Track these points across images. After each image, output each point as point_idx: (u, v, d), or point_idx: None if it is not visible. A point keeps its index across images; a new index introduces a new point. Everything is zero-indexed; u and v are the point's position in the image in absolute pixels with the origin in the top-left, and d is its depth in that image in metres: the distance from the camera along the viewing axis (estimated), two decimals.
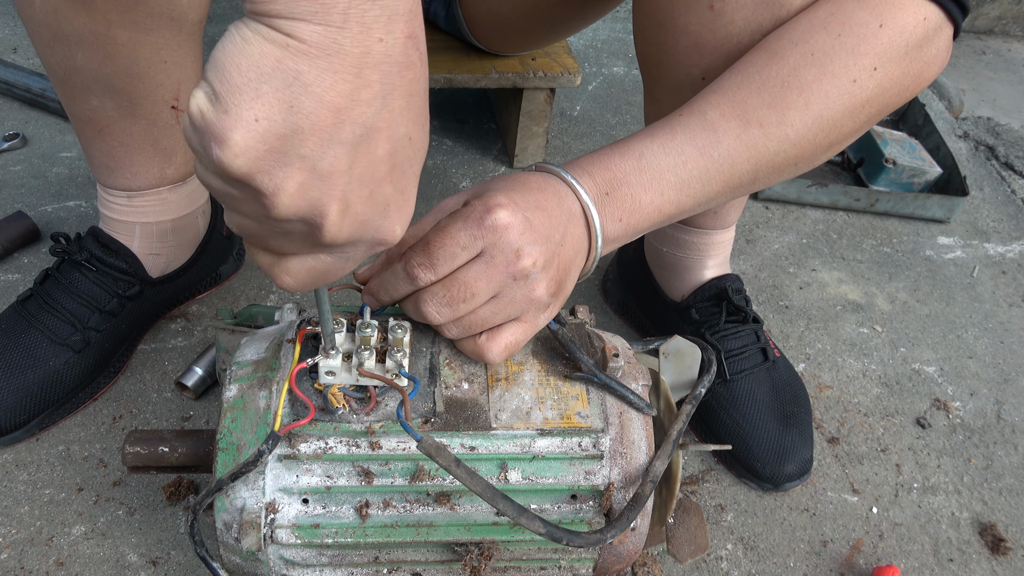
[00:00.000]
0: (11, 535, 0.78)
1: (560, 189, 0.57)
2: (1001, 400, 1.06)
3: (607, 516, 0.60)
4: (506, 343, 0.57)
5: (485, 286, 0.53)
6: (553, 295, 0.56)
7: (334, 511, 0.59)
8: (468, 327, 0.56)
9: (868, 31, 0.58)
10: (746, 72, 0.61)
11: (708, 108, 0.60)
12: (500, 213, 0.52)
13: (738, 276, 0.97)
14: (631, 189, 0.59)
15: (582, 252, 0.59)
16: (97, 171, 0.87)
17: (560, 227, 0.55)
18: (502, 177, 0.57)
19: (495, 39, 1.16)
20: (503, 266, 0.53)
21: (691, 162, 0.59)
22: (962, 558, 0.87)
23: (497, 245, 0.52)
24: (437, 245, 0.53)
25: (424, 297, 0.54)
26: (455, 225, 0.52)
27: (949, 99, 1.83)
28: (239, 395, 0.59)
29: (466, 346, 0.59)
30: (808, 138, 0.59)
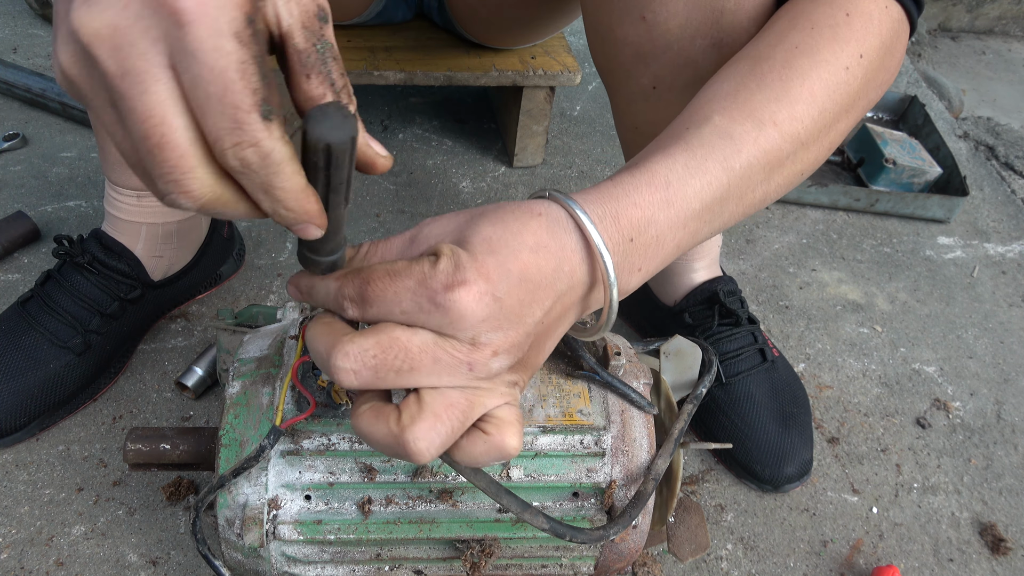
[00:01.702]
0: (11, 535, 0.78)
1: (567, 245, 0.45)
2: (1001, 400, 1.06)
3: (608, 514, 0.60)
4: (441, 433, 0.43)
5: (430, 365, 0.42)
6: (516, 380, 0.46)
7: (337, 507, 0.59)
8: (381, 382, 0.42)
9: (838, 21, 0.56)
10: (735, 77, 0.56)
11: (713, 114, 0.53)
12: (460, 296, 0.40)
13: (731, 278, 0.97)
14: (658, 229, 0.49)
15: (574, 313, 0.49)
16: (109, 168, 0.87)
17: (547, 299, 0.44)
18: (499, 217, 0.44)
19: (478, 30, 1.17)
20: (456, 352, 0.42)
21: (715, 181, 0.50)
22: (962, 558, 0.87)
23: (447, 328, 0.41)
24: (375, 290, 0.42)
25: (346, 348, 0.41)
26: (406, 283, 0.41)
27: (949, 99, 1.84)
28: (242, 391, 0.59)
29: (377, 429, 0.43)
30: (814, 136, 0.56)
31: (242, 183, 0.37)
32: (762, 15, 0.65)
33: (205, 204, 0.36)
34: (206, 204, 0.36)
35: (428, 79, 1.16)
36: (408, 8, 1.22)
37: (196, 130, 0.35)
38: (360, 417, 0.44)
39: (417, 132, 1.42)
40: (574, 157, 1.41)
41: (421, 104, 1.49)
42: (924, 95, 1.74)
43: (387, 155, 0.44)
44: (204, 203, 0.36)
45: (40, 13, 1.57)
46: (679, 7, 0.66)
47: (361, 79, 1.14)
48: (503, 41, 1.20)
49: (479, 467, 0.48)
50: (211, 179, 0.36)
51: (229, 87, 0.33)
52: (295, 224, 0.39)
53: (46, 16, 1.57)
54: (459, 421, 0.43)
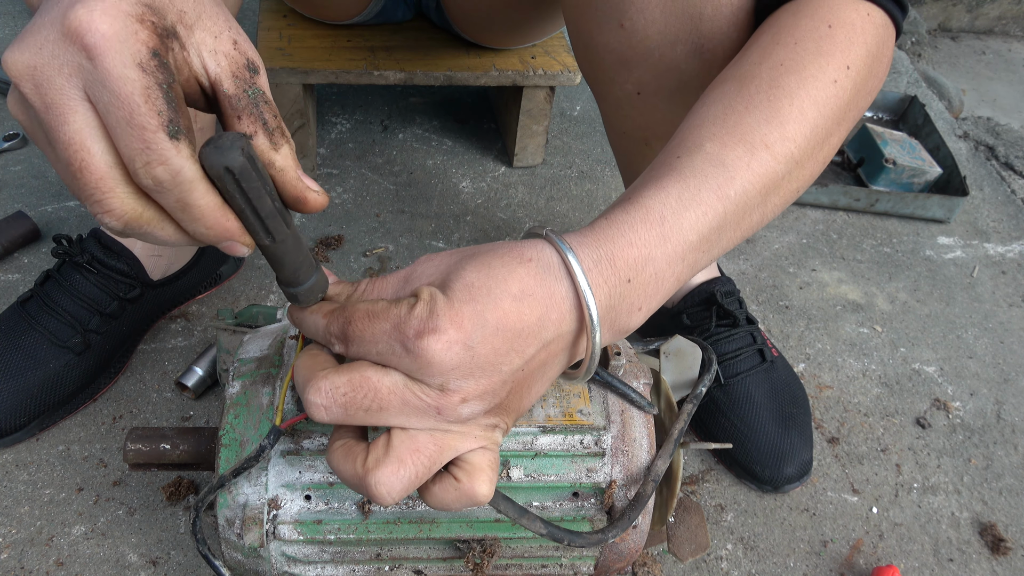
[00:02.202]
0: (11, 535, 0.78)
1: (556, 293, 0.44)
2: (1001, 400, 1.06)
3: (608, 514, 0.60)
4: (403, 479, 0.43)
5: (399, 406, 0.42)
6: (495, 423, 0.46)
7: (337, 507, 0.59)
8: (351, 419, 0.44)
9: (821, 34, 0.55)
10: (722, 100, 0.54)
11: (704, 141, 0.51)
12: (430, 344, 0.41)
13: (729, 279, 0.97)
14: (656, 267, 0.47)
15: (562, 360, 0.48)
16: None
17: (529, 348, 0.44)
18: (485, 263, 0.44)
19: (474, 30, 1.18)
20: (424, 395, 0.42)
21: (711, 211, 0.49)
22: (962, 558, 0.87)
23: (415, 373, 0.42)
24: (355, 330, 0.43)
25: (319, 384, 0.43)
26: (382, 325, 0.42)
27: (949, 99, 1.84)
28: (242, 391, 0.59)
29: (345, 468, 0.44)
30: (808, 154, 0.54)
31: (160, 203, 0.39)
32: (742, 20, 0.64)
33: (128, 222, 0.39)
34: (129, 222, 0.39)
35: (428, 79, 1.16)
36: (408, 8, 1.22)
37: (114, 154, 0.37)
38: (332, 453, 0.45)
39: (417, 132, 1.42)
40: (574, 157, 1.41)
41: (421, 104, 1.49)
42: (924, 95, 1.74)
43: (320, 190, 0.44)
44: (127, 221, 0.38)
45: None
46: (656, 14, 0.66)
47: (361, 79, 1.14)
48: (500, 41, 1.20)
49: (450, 511, 0.49)
50: (131, 199, 0.38)
51: (135, 110, 0.36)
52: (219, 243, 0.41)
53: None
54: (424, 467, 0.43)
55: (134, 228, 0.39)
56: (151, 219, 0.39)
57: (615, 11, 0.69)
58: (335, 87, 1.49)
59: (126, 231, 0.39)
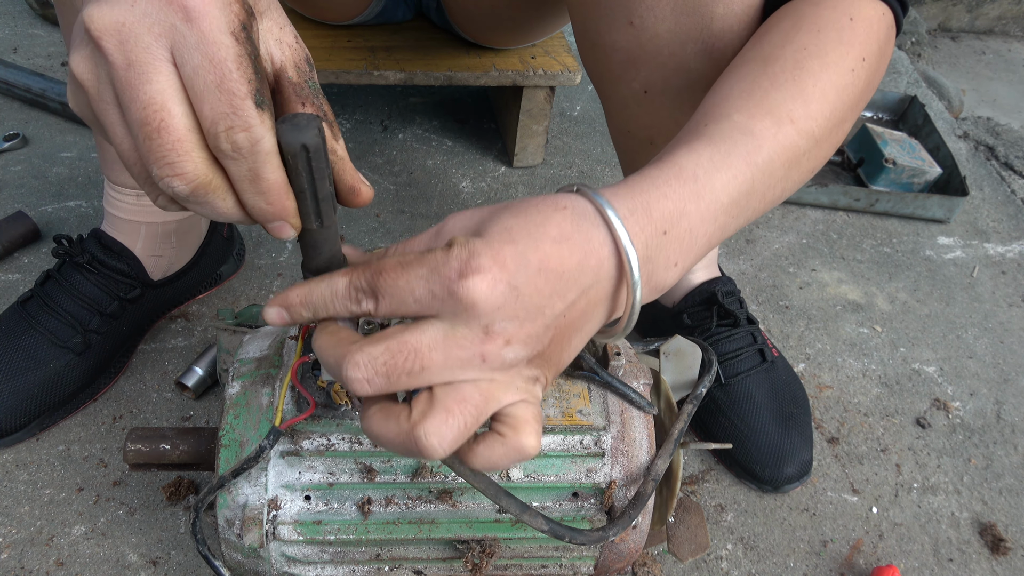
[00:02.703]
0: (11, 535, 0.78)
1: (594, 238, 0.44)
2: (1001, 400, 1.06)
3: (608, 514, 0.60)
4: (453, 428, 0.42)
5: (441, 361, 0.41)
6: (536, 376, 0.45)
7: (336, 508, 0.59)
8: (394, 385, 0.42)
9: (843, 25, 0.57)
10: (748, 77, 0.56)
11: (732, 112, 0.52)
12: (474, 282, 0.40)
13: (730, 279, 0.97)
14: (690, 222, 0.47)
15: (602, 310, 0.47)
16: (109, 167, 0.87)
17: (570, 292, 0.43)
18: (521, 209, 0.44)
19: (474, 30, 1.18)
20: (467, 342, 0.41)
21: (740, 175, 0.50)
22: (962, 558, 0.87)
23: (460, 316, 0.41)
24: (387, 280, 0.41)
25: (355, 357, 0.41)
26: (419, 271, 0.41)
27: (949, 99, 1.84)
28: (242, 392, 0.59)
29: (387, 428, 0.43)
30: (826, 134, 0.56)
31: (231, 170, 0.39)
32: (752, 19, 0.65)
33: (196, 188, 0.38)
34: (196, 188, 0.38)
35: (428, 79, 1.16)
36: (408, 8, 1.22)
37: (193, 119, 0.37)
38: (371, 419, 0.43)
39: (417, 132, 1.42)
40: (574, 157, 1.41)
41: (421, 104, 1.49)
42: (924, 95, 1.74)
43: (369, 185, 0.45)
44: (195, 187, 0.38)
45: (40, 13, 1.57)
46: (667, 12, 0.66)
47: (361, 79, 1.14)
48: (500, 41, 1.20)
49: (499, 470, 0.48)
50: (204, 164, 0.38)
51: (227, 75, 0.36)
52: (272, 221, 0.41)
53: (46, 16, 1.57)
54: (472, 416, 0.42)
55: (198, 195, 0.39)
56: (217, 188, 0.39)
57: (624, 9, 0.68)
58: (335, 87, 1.49)
59: (189, 198, 0.39)
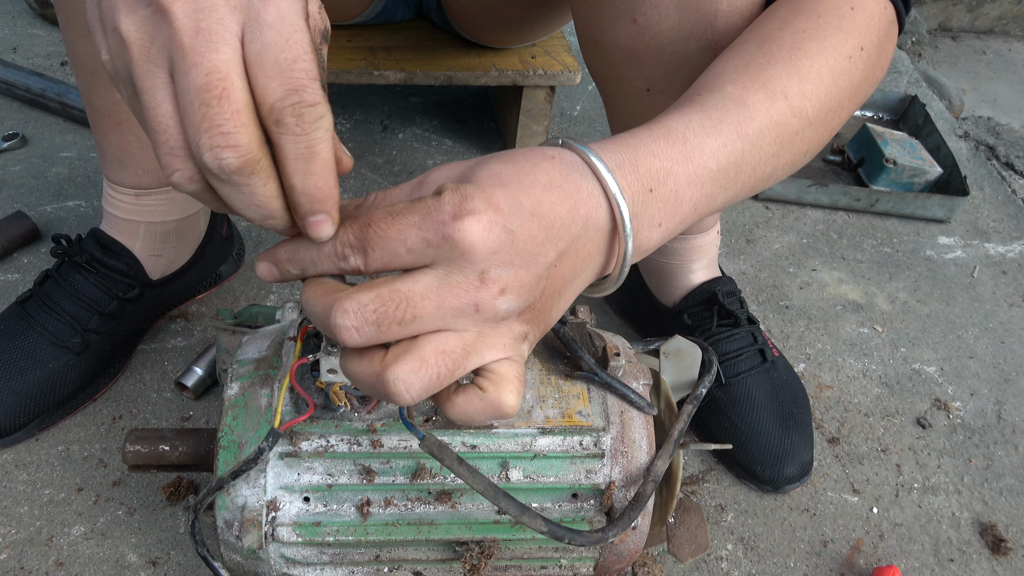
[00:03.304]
0: (11, 535, 0.78)
1: (583, 187, 0.43)
2: (1001, 400, 1.06)
3: (608, 515, 0.60)
4: (424, 378, 0.40)
5: (433, 310, 0.40)
6: (525, 332, 0.44)
7: (335, 509, 0.59)
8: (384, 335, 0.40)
9: (844, 12, 0.57)
10: (743, 55, 0.56)
11: (726, 84, 0.52)
12: (469, 224, 0.39)
13: (731, 279, 0.97)
14: (676, 183, 0.47)
15: (592, 265, 0.46)
16: (108, 166, 0.87)
17: (561, 241, 0.42)
18: (509, 156, 0.43)
19: (475, 29, 1.17)
20: (461, 290, 0.40)
21: (729, 144, 0.49)
22: (962, 558, 0.87)
23: (455, 262, 0.39)
24: (377, 232, 0.40)
25: (344, 304, 0.39)
26: (409, 218, 0.39)
27: (949, 99, 1.84)
28: (240, 393, 0.59)
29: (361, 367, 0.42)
30: (820, 117, 0.56)
31: (287, 148, 0.38)
32: (755, 16, 0.65)
33: (244, 164, 0.37)
34: (245, 164, 0.37)
35: (428, 79, 1.16)
36: (408, 8, 1.22)
37: (250, 96, 0.37)
38: (348, 357, 0.42)
39: (417, 132, 1.41)
40: None
41: (421, 104, 1.49)
42: (924, 95, 1.74)
43: (351, 156, 0.45)
44: (244, 161, 0.37)
45: (40, 13, 1.57)
46: (671, 10, 0.66)
47: (361, 79, 1.14)
48: (500, 40, 1.20)
49: (473, 425, 0.46)
50: (257, 141, 0.37)
51: (301, 56, 0.37)
52: (315, 210, 0.40)
53: (46, 16, 1.57)
54: (447, 369, 0.41)
55: (244, 172, 0.37)
56: (263, 168, 0.38)
57: (628, 6, 0.68)
58: (335, 87, 1.49)
59: (234, 175, 0.37)
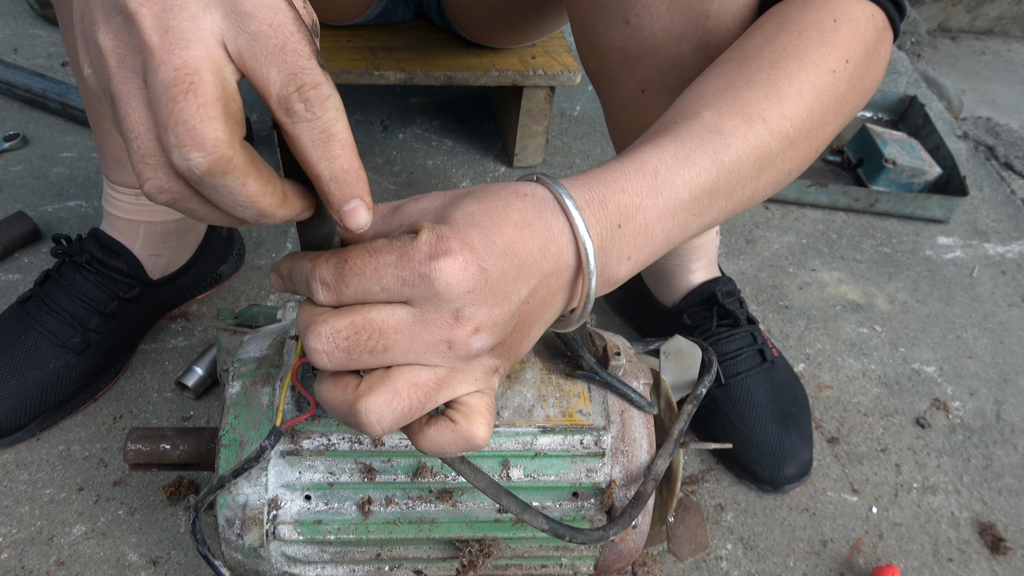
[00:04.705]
0: (11, 535, 0.78)
1: (554, 226, 0.44)
2: (1001, 400, 1.06)
3: (608, 514, 0.60)
4: (396, 410, 0.41)
5: (405, 344, 0.41)
6: (496, 366, 0.45)
7: (336, 507, 0.59)
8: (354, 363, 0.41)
9: (826, 26, 0.57)
10: (723, 76, 0.56)
11: (703, 109, 0.52)
12: (445, 264, 0.39)
13: (730, 279, 0.97)
14: (646, 217, 0.48)
15: (560, 300, 0.47)
16: (108, 166, 0.87)
17: (532, 278, 0.43)
18: (483, 195, 0.44)
19: (475, 29, 1.18)
20: (435, 327, 0.40)
21: (704, 173, 0.50)
22: (962, 558, 0.87)
23: (430, 301, 0.40)
24: (353, 269, 0.40)
25: (318, 328, 0.40)
26: (386, 258, 0.40)
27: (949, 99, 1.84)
28: (242, 392, 0.59)
29: (334, 395, 0.42)
30: (803, 136, 0.56)
31: (301, 137, 0.37)
32: (747, 16, 0.65)
33: (213, 163, 0.35)
34: (214, 163, 0.35)
35: (428, 79, 1.16)
36: (408, 8, 1.22)
37: (223, 92, 0.35)
38: (322, 383, 0.43)
39: (417, 132, 1.42)
40: (574, 157, 1.41)
41: (421, 104, 1.49)
42: (924, 95, 1.74)
43: None
44: (213, 160, 0.35)
45: (40, 13, 1.57)
46: (663, 11, 0.66)
47: (361, 79, 1.14)
48: (500, 40, 1.20)
49: (444, 456, 0.47)
50: (227, 137, 0.35)
51: (289, 38, 0.35)
52: (347, 196, 0.39)
53: (46, 16, 1.57)
54: (419, 402, 0.41)
55: (217, 173, 0.35)
56: (238, 167, 0.36)
57: (621, 8, 0.69)
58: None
59: (206, 177, 0.35)
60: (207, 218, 0.39)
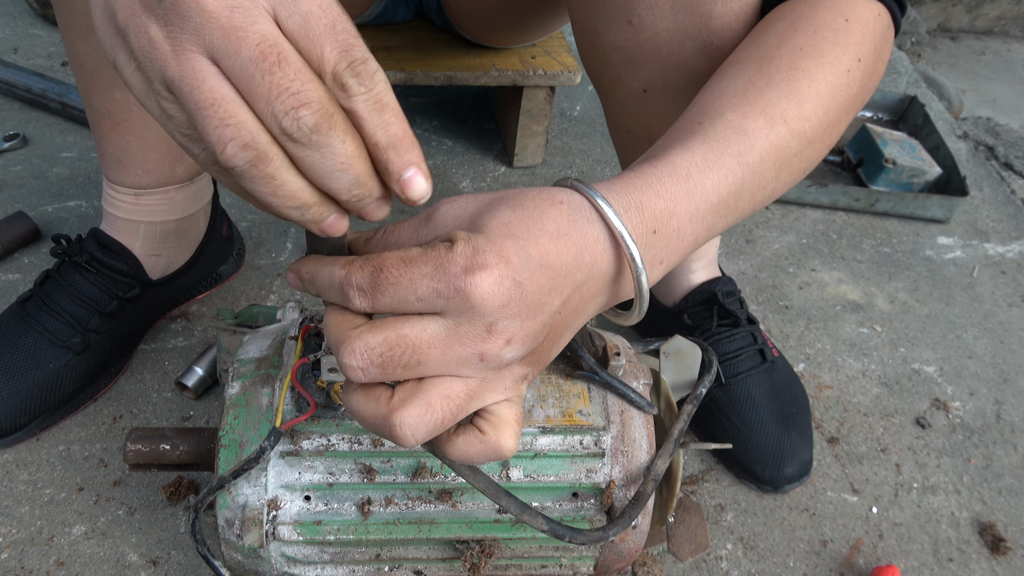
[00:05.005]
0: (11, 535, 0.78)
1: (589, 234, 0.44)
2: (1001, 400, 1.06)
3: (608, 514, 0.60)
4: (429, 423, 0.41)
5: (438, 358, 0.41)
6: (525, 374, 0.45)
7: (336, 508, 0.59)
8: (388, 377, 0.41)
9: (839, 26, 0.57)
10: (742, 76, 0.56)
11: (726, 110, 0.53)
12: (482, 279, 0.39)
13: (730, 279, 0.97)
14: (679, 222, 0.48)
15: (593, 307, 0.47)
16: (107, 167, 0.87)
17: (565, 289, 0.43)
18: (519, 202, 0.44)
19: (475, 29, 1.18)
20: (468, 340, 0.41)
21: (731, 176, 0.50)
22: (962, 558, 0.87)
23: (464, 314, 0.40)
24: (389, 279, 0.40)
25: (353, 345, 0.40)
26: (422, 268, 0.40)
27: (949, 99, 1.84)
28: (242, 392, 0.59)
29: (366, 407, 0.43)
30: (819, 135, 0.56)
31: (358, 107, 0.38)
32: (750, 17, 0.65)
33: (321, 119, 0.36)
34: (321, 120, 0.36)
35: (428, 79, 1.16)
36: (408, 8, 1.22)
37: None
38: (352, 394, 0.43)
39: (417, 132, 1.41)
40: (574, 157, 1.41)
41: (421, 104, 1.49)
42: (924, 95, 1.74)
43: None
44: (321, 116, 0.36)
45: (40, 13, 1.57)
46: (666, 11, 0.66)
47: None
48: (500, 40, 1.20)
49: (472, 464, 0.48)
50: (327, 95, 0.37)
51: (338, 18, 0.37)
52: (406, 162, 0.39)
53: (46, 16, 1.57)
54: (451, 414, 0.42)
55: (324, 128, 0.37)
56: (340, 123, 0.37)
57: (624, 8, 0.68)
58: None
59: (314, 135, 0.37)
60: (275, 193, 0.39)
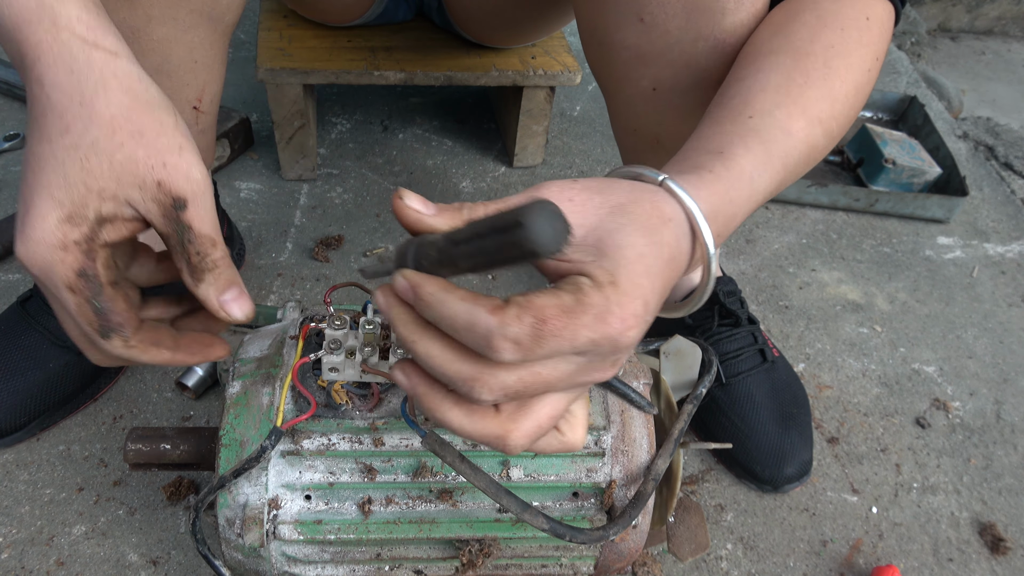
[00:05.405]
0: (12, 535, 0.78)
1: (684, 249, 0.45)
2: (1001, 400, 1.06)
3: (608, 514, 0.60)
4: (538, 436, 0.43)
5: (563, 388, 0.42)
6: None
7: (337, 507, 0.59)
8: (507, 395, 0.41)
9: (862, 24, 0.58)
10: (780, 70, 0.56)
11: (773, 108, 0.53)
12: (634, 333, 0.39)
13: (731, 279, 0.97)
14: (736, 223, 0.50)
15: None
16: None
17: (661, 298, 0.44)
18: (646, 227, 0.43)
19: (476, 29, 1.17)
20: (595, 371, 0.42)
21: (776, 177, 0.51)
22: (962, 558, 0.87)
23: (604, 356, 0.40)
24: (552, 331, 0.37)
25: (490, 384, 0.39)
26: (582, 319, 0.38)
27: (949, 99, 1.84)
28: (242, 391, 0.59)
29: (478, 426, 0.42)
30: (840, 133, 0.57)
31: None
32: (761, 13, 0.65)
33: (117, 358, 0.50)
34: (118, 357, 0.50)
35: (428, 79, 1.16)
36: (408, 8, 1.22)
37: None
38: (448, 411, 0.42)
39: (417, 132, 1.42)
40: (574, 157, 1.41)
41: (421, 104, 1.49)
42: (924, 95, 1.74)
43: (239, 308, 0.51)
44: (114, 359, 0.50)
45: None
46: (678, 9, 0.66)
47: (361, 79, 1.14)
48: (501, 40, 1.20)
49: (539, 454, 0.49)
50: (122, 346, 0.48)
51: (78, 321, 0.47)
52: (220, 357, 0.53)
53: None
54: (554, 422, 0.44)
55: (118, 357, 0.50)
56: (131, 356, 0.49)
57: (634, 6, 0.68)
58: (335, 87, 1.49)
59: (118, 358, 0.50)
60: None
